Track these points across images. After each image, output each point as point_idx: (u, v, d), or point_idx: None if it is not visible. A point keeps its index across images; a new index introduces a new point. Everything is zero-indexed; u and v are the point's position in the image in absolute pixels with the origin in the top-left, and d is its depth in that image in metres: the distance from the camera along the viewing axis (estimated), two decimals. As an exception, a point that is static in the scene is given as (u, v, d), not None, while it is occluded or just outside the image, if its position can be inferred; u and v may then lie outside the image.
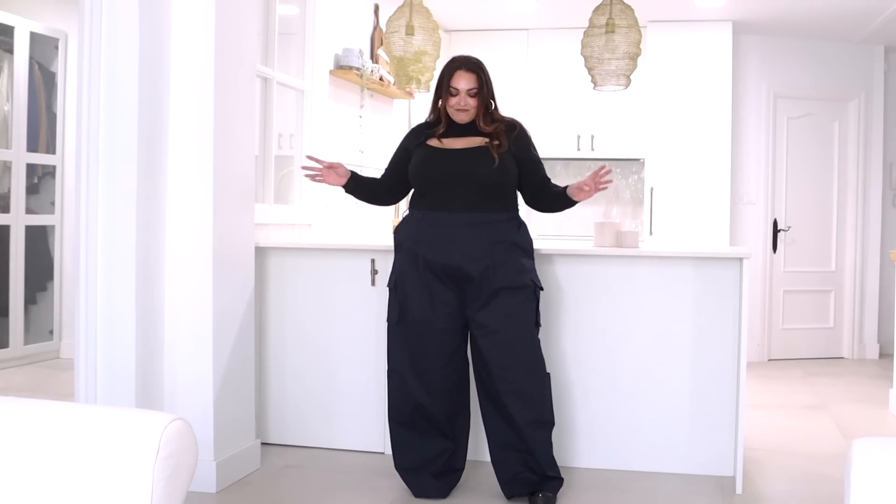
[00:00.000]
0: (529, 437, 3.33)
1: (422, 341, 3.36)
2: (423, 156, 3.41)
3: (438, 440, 3.44)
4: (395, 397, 3.44)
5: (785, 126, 7.03)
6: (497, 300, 3.29)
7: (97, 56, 3.25)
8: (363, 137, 5.65)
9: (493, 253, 3.30)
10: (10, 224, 5.92)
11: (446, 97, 3.37)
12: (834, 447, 4.36)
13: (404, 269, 3.39)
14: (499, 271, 3.29)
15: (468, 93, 3.33)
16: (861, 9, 6.09)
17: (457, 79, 3.34)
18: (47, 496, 1.57)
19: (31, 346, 6.09)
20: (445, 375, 3.40)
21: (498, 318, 3.29)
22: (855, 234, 7.16)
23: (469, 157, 3.35)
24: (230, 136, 3.55)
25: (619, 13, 4.00)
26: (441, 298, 3.34)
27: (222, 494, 3.44)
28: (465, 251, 3.29)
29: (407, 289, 3.37)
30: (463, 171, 3.33)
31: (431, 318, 3.34)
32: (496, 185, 3.35)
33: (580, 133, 6.94)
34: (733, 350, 3.75)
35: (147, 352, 3.37)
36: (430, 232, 3.34)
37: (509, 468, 3.38)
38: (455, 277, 3.32)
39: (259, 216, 4.17)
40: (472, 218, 3.32)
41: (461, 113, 3.36)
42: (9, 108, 5.97)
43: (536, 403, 3.34)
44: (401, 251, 3.42)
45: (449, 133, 3.41)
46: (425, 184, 3.40)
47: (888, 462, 1.59)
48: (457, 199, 3.32)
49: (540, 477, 3.36)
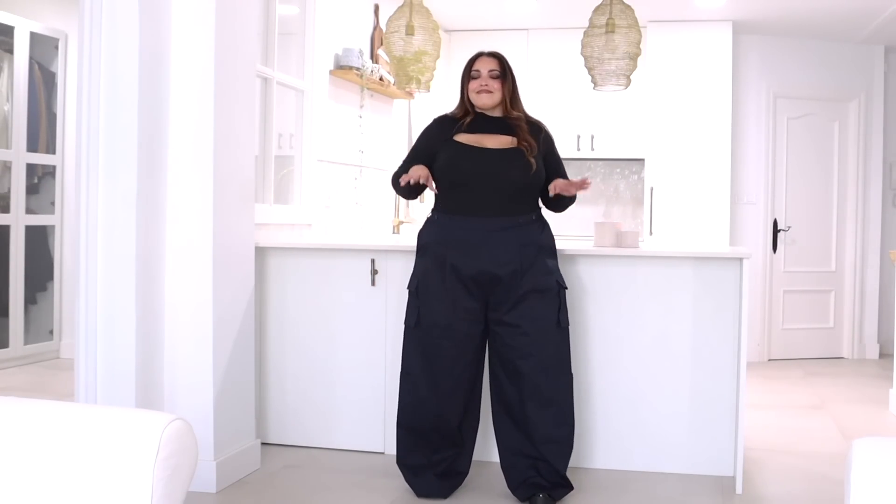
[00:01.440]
0: (547, 445, 3.32)
1: (440, 346, 3.32)
2: (454, 153, 3.35)
3: (445, 444, 3.42)
4: (405, 400, 3.42)
5: (785, 126, 7.03)
6: (525, 302, 3.28)
7: (97, 56, 3.25)
8: (363, 137, 5.65)
9: (521, 256, 3.28)
10: (10, 224, 5.92)
11: (468, 83, 3.38)
12: (834, 447, 4.35)
13: (428, 274, 3.34)
14: (527, 274, 3.27)
15: (490, 73, 3.34)
16: (861, 9, 6.09)
17: (478, 63, 3.38)
18: (47, 496, 1.57)
19: (31, 346, 6.09)
20: (460, 380, 3.37)
21: (528, 319, 3.27)
22: (855, 234, 7.16)
23: (503, 159, 3.31)
24: (230, 136, 3.55)
25: (619, 13, 4.00)
26: (464, 305, 3.30)
27: (222, 494, 3.44)
28: (493, 255, 3.27)
29: (430, 293, 3.33)
30: (497, 173, 3.29)
31: (454, 322, 3.30)
32: (529, 187, 3.34)
33: (580, 133, 6.94)
34: (733, 350, 3.75)
35: (147, 352, 3.37)
36: (458, 236, 3.30)
37: (520, 473, 3.37)
38: (482, 283, 3.29)
39: (259, 216, 4.17)
40: (501, 222, 3.29)
41: (483, 95, 3.34)
42: (9, 108, 5.97)
43: (556, 408, 3.33)
44: (425, 255, 3.37)
45: (477, 128, 3.37)
46: (457, 182, 3.33)
47: (888, 462, 1.59)
48: (487, 201, 3.29)
49: (551, 483, 3.35)
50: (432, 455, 3.41)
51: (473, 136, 3.36)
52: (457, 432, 3.42)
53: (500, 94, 3.36)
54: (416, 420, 3.39)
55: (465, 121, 3.39)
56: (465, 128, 3.38)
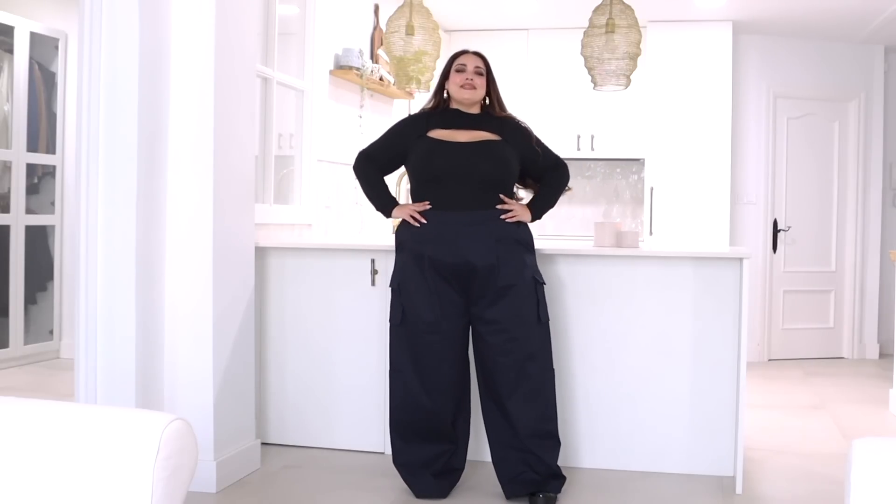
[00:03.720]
0: (533, 439, 3.33)
1: (426, 342, 3.34)
2: (426, 148, 3.38)
3: (439, 441, 3.43)
4: (397, 397, 3.43)
5: (785, 126, 7.03)
6: (504, 299, 3.29)
7: (97, 56, 3.25)
8: (363, 137, 5.64)
9: (496, 250, 3.30)
10: (10, 224, 5.92)
11: (452, 77, 3.40)
12: (834, 447, 4.35)
13: (408, 270, 3.37)
14: (503, 269, 3.29)
15: (475, 70, 3.38)
16: (861, 9, 6.09)
17: (464, 58, 3.42)
18: (47, 496, 1.57)
19: (31, 346, 6.09)
20: (449, 376, 3.38)
21: (507, 316, 3.29)
22: (855, 234, 7.16)
23: (475, 152, 3.34)
24: (230, 136, 3.55)
25: (619, 13, 4.00)
26: (448, 298, 3.33)
27: (222, 494, 3.44)
28: (470, 248, 3.29)
29: (411, 290, 3.35)
30: (469, 166, 3.32)
31: (439, 318, 3.32)
32: (498, 181, 3.35)
33: (580, 133, 6.94)
34: (733, 350, 3.75)
35: (147, 352, 3.37)
36: (434, 230, 3.32)
37: (511, 468, 3.38)
38: (461, 275, 3.31)
39: (259, 216, 4.17)
40: (476, 216, 3.32)
41: (467, 90, 3.37)
42: (9, 108, 5.97)
43: (540, 402, 3.34)
44: (403, 251, 3.40)
45: (450, 123, 3.40)
46: (430, 178, 3.37)
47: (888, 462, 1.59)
48: (459, 196, 3.32)
49: (543, 477, 3.36)
50: (428, 453, 3.42)
51: (446, 132, 3.40)
52: (450, 428, 3.43)
53: (482, 90, 3.40)
54: (409, 417, 3.41)
55: (436, 114, 3.42)
56: (438, 122, 3.41)
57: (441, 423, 3.40)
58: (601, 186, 7.30)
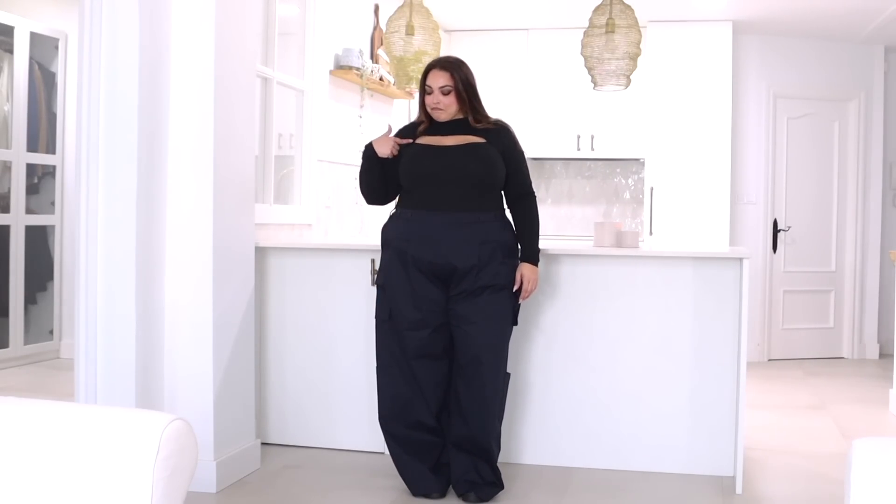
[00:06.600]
0: (481, 439, 3.37)
1: (410, 338, 3.38)
2: (413, 153, 3.43)
3: (427, 435, 3.46)
4: (384, 392, 3.46)
5: (785, 126, 7.03)
6: (481, 297, 3.33)
7: (97, 56, 3.25)
8: (363, 137, 5.64)
9: (479, 252, 3.32)
10: (10, 224, 5.92)
11: (423, 96, 3.43)
12: (834, 447, 4.36)
13: (392, 268, 3.40)
14: (483, 270, 3.33)
15: (441, 90, 3.36)
16: (861, 9, 6.09)
17: (431, 77, 3.40)
18: (47, 496, 1.57)
19: (31, 346, 6.09)
20: (432, 372, 3.42)
21: (479, 313, 3.33)
22: (855, 234, 7.16)
23: (461, 154, 3.37)
24: (230, 137, 3.55)
25: (619, 13, 4.00)
26: (429, 296, 3.36)
27: (222, 494, 3.44)
28: (453, 249, 3.32)
29: (395, 287, 3.38)
30: (455, 167, 3.34)
31: (420, 315, 3.36)
32: (484, 183, 3.37)
33: (580, 133, 6.94)
34: (733, 350, 3.75)
35: (147, 352, 3.37)
36: (419, 230, 3.35)
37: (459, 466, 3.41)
38: (442, 273, 3.35)
39: (259, 216, 4.17)
40: (461, 217, 3.34)
41: (437, 111, 3.40)
42: (9, 108, 5.97)
43: (490, 403, 3.37)
44: (388, 250, 3.44)
45: (439, 131, 3.43)
46: (416, 180, 3.40)
47: (888, 462, 1.59)
48: (446, 197, 3.34)
49: (485, 482, 3.39)
50: (418, 445, 3.45)
51: (433, 137, 3.43)
52: (435, 421, 3.46)
53: (453, 107, 3.39)
54: (395, 409, 3.44)
55: (422, 127, 3.44)
56: (426, 131, 3.44)
57: (426, 416, 3.44)
58: (601, 186, 7.30)
